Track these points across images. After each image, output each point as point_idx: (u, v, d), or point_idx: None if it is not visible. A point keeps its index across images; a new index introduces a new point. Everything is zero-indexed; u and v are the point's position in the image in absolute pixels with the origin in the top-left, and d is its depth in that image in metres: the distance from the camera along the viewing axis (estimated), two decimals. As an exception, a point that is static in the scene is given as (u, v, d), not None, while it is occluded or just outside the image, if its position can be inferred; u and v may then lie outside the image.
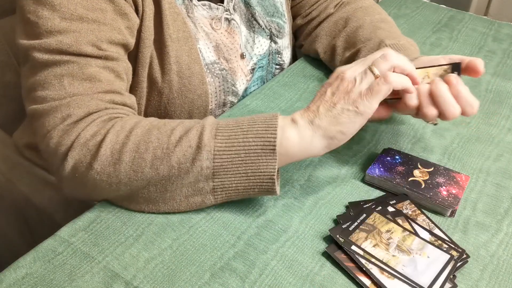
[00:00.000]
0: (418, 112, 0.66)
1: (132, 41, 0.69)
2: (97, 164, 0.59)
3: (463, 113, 0.65)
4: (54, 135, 0.61)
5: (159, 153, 0.59)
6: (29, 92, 0.64)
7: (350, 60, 0.88)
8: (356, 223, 0.61)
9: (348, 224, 0.61)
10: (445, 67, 0.68)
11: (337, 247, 0.59)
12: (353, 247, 0.58)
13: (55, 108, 0.61)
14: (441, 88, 0.64)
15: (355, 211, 0.64)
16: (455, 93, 0.64)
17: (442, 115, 0.65)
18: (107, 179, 0.60)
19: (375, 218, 0.62)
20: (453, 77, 0.65)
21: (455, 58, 0.69)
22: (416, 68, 0.72)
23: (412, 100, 0.65)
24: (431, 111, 0.64)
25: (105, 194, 0.62)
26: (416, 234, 0.61)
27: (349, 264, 0.57)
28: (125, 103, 0.66)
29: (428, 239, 0.61)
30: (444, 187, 0.67)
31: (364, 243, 0.59)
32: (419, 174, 0.69)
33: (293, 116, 0.62)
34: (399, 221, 0.62)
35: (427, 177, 0.69)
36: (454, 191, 0.66)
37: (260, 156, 0.59)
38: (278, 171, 0.62)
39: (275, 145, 0.58)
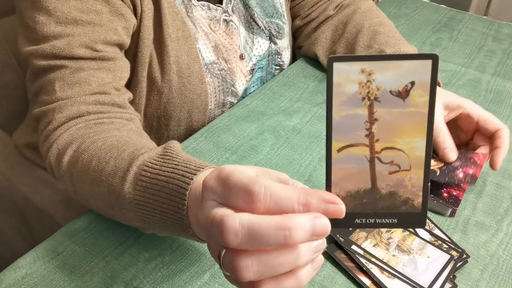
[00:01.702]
0: None
1: (128, 41, 0.70)
2: (59, 178, 0.61)
3: None
4: (41, 140, 0.64)
5: (94, 186, 0.56)
6: (33, 96, 0.66)
7: None
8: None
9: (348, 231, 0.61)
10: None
11: (337, 247, 0.59)
12: (353, 247, 0.58)
13: (45, 113, 0.63)
14: None
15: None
16: None
17: None
18: (71, 191, 0.61)
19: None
20: None
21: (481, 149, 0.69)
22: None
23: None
24: None
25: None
26: (416, 234, 0.61)
27: (349, 264, 0.57)
28: (113, 102, 0.65)
29: (428, 239, 0.61)
30: (444, 188, 0.67)
31: (364, 243, 0.59)
32: (434, 163, 0.68)
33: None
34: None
35: (442, 165, 0.68)
36: (454, 193, 0.66)
37: (173, 222, 0.48)
38: None
39: (182, 216, 0.46)
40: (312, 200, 0.34)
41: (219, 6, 0.82)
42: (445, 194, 0.66)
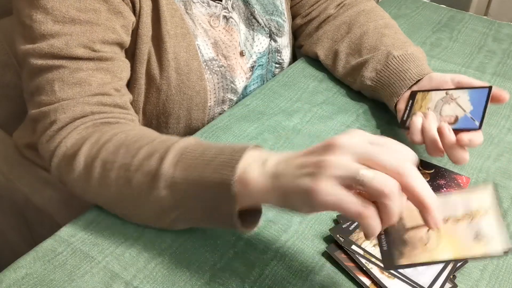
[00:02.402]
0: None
1: (127, 39, 0.70)
2: (73, 174, 0.61)
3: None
4: (43, 140, 0.63)
5: (122, 173, 0.57)
6: (29, 96, 0.66)
7: (355, 69, 0.88)
8: (356, 223, 0.61)
9: (348, 224, 0.61)
10: (450, 91, 0.70)
11: (337, 247, 0.59)
12: (353, 247, 0.58)
13: (46, 113, 0.63)
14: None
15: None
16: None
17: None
18: (80, 190, 0.61)
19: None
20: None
21: (464, 82, 0.70)
22: (420, 91, 0.73)
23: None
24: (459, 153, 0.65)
25: (86, 199, 0.63)
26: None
27: (349, 264, 0.57)
28: (115, 104, 0.66)
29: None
30: (445, 188, 0.67)
31: (364, 243, 0.59)
32: None
33: (269, 157, 0.50)
34: None
35: (428, 179, 0.69)
36: None
37: (216, 194, 0.51)
38: (260, 209, 0.54)
39: (230, 184, 0.49)
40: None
41: (218, 3, 0.82)
42: None
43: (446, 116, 0.68)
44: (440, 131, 0.66)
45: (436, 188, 0.67)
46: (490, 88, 0.67)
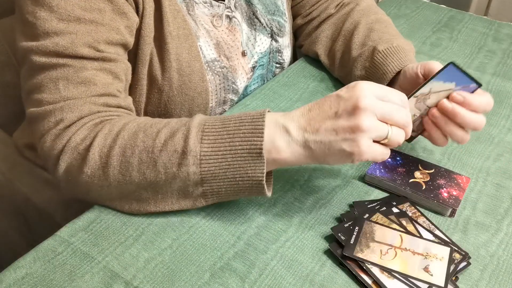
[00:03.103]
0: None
1: (131, 40, 0.69)
2: (87, 168, 0.60)
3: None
4: (47, 139, 0.62)
5: (145, 157, 0.58)
6: (27, 94, 0.65)
7: (349, 69, 0.88)
8: (357, 225, 0.61)
9: (350, 223, 0.61)
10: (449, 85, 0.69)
11: (339, 246, 0.59)
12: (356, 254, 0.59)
13: (50, 112, 0.62)
14: (458, 110, 0.64)
15: (359, 211, 0.64)
16: (470, 109, 0.64)
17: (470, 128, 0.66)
18: (97, 182, 0.60)
19: (378, 219, 0.62)
20: (459, 96, 0.64)
21: (432, 72, 0.69)
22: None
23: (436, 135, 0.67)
24: (458, 132, 0.65)
25: (98, 195, 0.63)
26: (420, 236, 0.61)
27: (351, 263, 0.57)
28: (119, 105, 0.66)
29: (431, 240, 0.61)
30: (444, 188, 0.67)
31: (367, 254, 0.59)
32: (420, 176, 0.69)
33: (288, 123, 0.57)
34: (403, 222, 0.62)
35: (428, 179, 0.68)
36: (454, 193, 0.66)
37: (247, 161, 0.57)
38: (271, 171, 0.61)
39: (261, 149, 0.56)
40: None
41: (221, 3, 0.82)
42: (445, 194, 0.66)
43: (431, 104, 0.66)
44: (431, 114, 0.66)
45: (436, 188, 0.67)
46: (451, 63, 0.64)
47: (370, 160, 0.57)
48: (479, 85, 0.64)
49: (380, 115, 0.56)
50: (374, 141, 0.57)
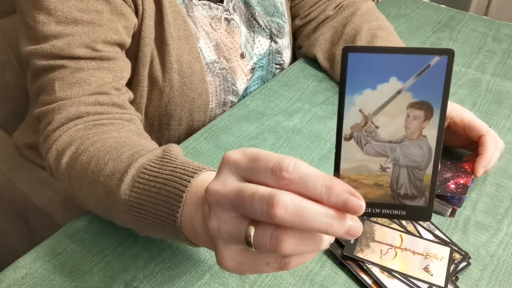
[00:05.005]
0: None
1: (128, 41, 0.70)
2: (58, 179, 0.61)
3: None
4: (41, 140, 0.64)
5: (92, 187, 0.56)
6: (33, 96, 0.67)
7: None
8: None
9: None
10: None
11: (339, 246, 0.59)
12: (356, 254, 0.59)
13: (45, 113, 0.63)
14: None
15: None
16: None
17: None
18: (70, 192, 0.61)
19: (378, 219, 0.62)
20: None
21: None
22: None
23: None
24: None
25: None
26: (420, 236, 0.61)
27: (351, 262, 0.57)
28: (113, 102, 0.65)
29: (431, 240, 0.61)
30: (452, 180, 0.67)
31: (366, 255, 0.59)
32: None
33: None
34: (403, 222, 0.63)
35: None
36: (462, 181, 0.66)
37: (165, 227, 0.48)
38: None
39: (175, 222, 0.46)
40: (337, 186, 0.34)
41: (220, 5, 0.82)
42: (452, 186, 0.66)
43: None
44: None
45: (443, 182, 0.66)
46: (347, 49, 0.36)
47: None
48: (448, 53, 0.35)
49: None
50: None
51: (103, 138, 0.60)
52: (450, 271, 0.56)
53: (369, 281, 0.55)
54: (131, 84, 0.75)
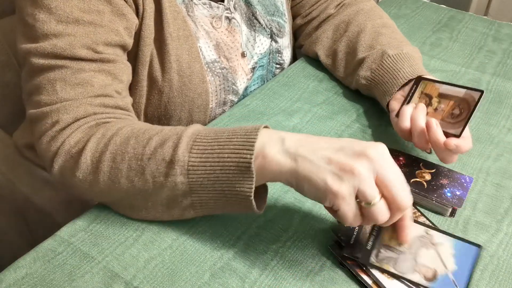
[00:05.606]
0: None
1: (130, 42, 0.69)
2: (79, 172, 0.60)
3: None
4: (44, 141, 0.62)
5: (134, 164, 0.57)
6: (27, 96, 0.65)
7: (353, 69, 0.88)
8: (354, 236, 0.61)
9: (349, 231, 0.61)
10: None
11: (339, 246, 0.59)
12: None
13: (47, 114, 0.62)
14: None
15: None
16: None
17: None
18: (89, 186, 0.60)
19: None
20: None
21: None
22: (425, 79, 0.73)
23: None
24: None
25: (92, 198, 0.63)
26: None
27: (352, 262, 0.57)
28: (117, 105, 0.65)
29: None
30: (448, 188, 0.67)
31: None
32: (421, 175, 0.69)
33: (286, 135, 0.54)
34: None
35: (430, 178, 0.68)
36: (458, 193, 0.66)
37: (235, 174, 0.53)
38: (266, 188, 0.58)
39: (250, 163, 0.52)
40: None
41: (220, 4, 0.82)
42: (448, 194, 0.66)
43: (422, 266, 0.56)
44: (427, 125, 0.67)
45: (439, 188, 0.67)
46: (479, 248, 0.59)
47: (340, 212, 0.51)
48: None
49: (381, 176, 0.50)
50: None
51: (127, 124, 0.61)
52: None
53: (369, 281, 0.55)
54: (131, 84, 0.74)
